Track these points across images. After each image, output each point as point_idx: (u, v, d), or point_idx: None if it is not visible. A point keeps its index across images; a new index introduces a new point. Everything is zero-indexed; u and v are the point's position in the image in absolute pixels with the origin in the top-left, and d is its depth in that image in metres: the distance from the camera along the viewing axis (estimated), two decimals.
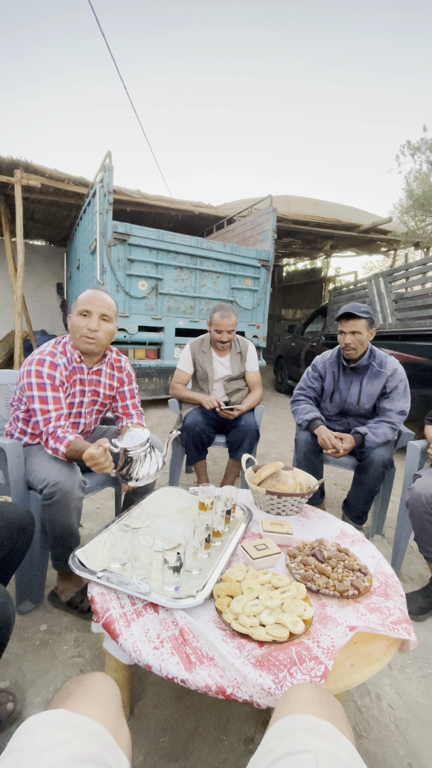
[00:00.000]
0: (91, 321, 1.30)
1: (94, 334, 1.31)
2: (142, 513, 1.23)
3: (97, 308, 1.31)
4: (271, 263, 4.62)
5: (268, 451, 3.17)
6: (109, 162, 3.57)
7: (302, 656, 0.72)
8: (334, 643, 0.75)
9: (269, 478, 1.37)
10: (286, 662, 0.71)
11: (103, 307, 1.32)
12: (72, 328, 1.33)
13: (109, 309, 1.35)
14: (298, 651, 0.73)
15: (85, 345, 1.32)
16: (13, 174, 4.47)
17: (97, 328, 1.31)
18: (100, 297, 1.33)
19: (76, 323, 1.31)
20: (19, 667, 1.09)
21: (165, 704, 1.00)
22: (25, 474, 1.27)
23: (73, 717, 0.43)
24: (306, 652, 0.73)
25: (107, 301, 1.34)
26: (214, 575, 0.93)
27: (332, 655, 0.73)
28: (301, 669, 0.70)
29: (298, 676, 0.68)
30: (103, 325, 1.33)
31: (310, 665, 0.70)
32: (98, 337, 1.32)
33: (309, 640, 0.77)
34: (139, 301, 3.95)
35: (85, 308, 1.30)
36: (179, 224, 6.71)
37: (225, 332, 2.01)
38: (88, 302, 1.31)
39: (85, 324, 1.30)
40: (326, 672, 0.70)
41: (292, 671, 0.69)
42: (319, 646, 0.75)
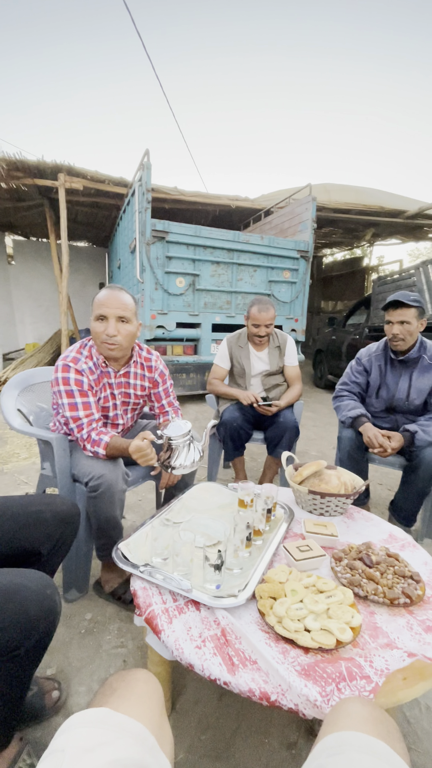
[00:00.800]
0: (109, 326, 1.24)
1: (114, 339, 1.25)
2: (183, 507, 1.24)
3: (112, 311, 1.24)
4: (310, 254, 4.48)
5: (308, 448, 3.09)
6: (147, 160, 3.61)
7: (353, 673, 0.68)
8: (388, 666, 0.70)
9: (311, 477, 1.32)
10: (335, 676, 0.67)
11: (119, 309, 1.25)
12: (92, 334, 1.29)
13: (126, 309, 1.26)
14: (348, 667, 0.69)
15: (107, 351, 1.28)
16: (57, 178, 4.65)
17: (116, 332, 1.24)
18: (116, 298, 1.26)
19: (94, 329, 1.26)
20: (66, 655, 1.13)
21: (206, 701, 1.00)
22: (71, 467, 1.31)
23: (116, 716, 0.43)
24: (357, 670, 0.68)
25: (123, 301, 1.26)
26: (255, 575, 0.91)
27: (385, 675, 0.68)
28: (351, 686, 0.65)
29: (347, 692, 0.64)
30: (121, 328, 1.26)
31: (360, 684, 0.66)
32: (118, 341, 1.26)
33: (361, 658, 0.71)
34: (176, 298, 3.98)
35: (100, 312, 1.24)
36: (216, 219, 6.68)
37: (263, 326, 1.96)
38: (103, 305, 1.24)
39: (102, 329, 1.25)
40: (376, 687, 0.65)
41: (340, 686, 0.65)
42: (372, 666, 0.69)
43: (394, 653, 0.72)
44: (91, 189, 4.98)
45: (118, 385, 1.40)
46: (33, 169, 4.58)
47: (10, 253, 8.22)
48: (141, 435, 1.18)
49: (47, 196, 5.53)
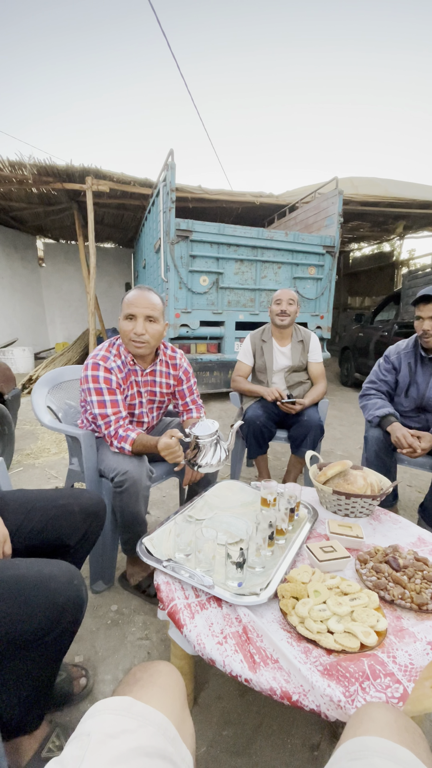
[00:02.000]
0: (137, 325, 1.27)
1: (141, 337, 1.28)
2: (205, 505, 1.25)
3: (141, 310, 1.27)
4: (336, 249, 4.38)
5: (334, 448, 3.03)
6: (172, 160, 3.63)
7: (376, 671, 0.67)
8: (412, 661, 0.69)
9: (336, 477, 1.30)
10: (358, 675, 0.66)
11: (148, 308, 1.28)
12: (120, 332, 1.32)
13: (154, 309, 1.30)
14: (371, 664, 0.68)
15: (135, 350, 1.31)
16: (84, 181, 4.78)
17: (143, 331, 1.28)
18: (145, 298, 1.29)
19: (123, 327, 1.30)
20: (92, 644, 1.17)
21: (228, 697, 1.00)
22: (98, 463, 1.35)
23: (138, 706, 0.44)
24: (380, 667, 0.68)
25: (152, 301, 1.30)
26: (278, 574, 0.90)
27: (411, 675, 0.66)
28: (375, 685, 0.65)
29: (372, 692, 0.63)
30: (149, 327, 1.29)
31: (385, 681, 0.65)
32: (145, 340, 1.29)
33: (383, 654, 0.71)
34: (200, 297, 4.00)
35: (129, 312, 1.28)
36: (240, 216, 6.65)
37: (285, 301, 1.97)
38: (132, 305, 1.28)
39: (131, 328, 1.28)
40: (405, 694, 0.63)
41: (364, 686, 0.64)
42: (395, 662, 0.69)
43: (417, 646, 0.71)
44: (117, 191, 5.08)
45: (145, 383, 1.42)
46: (62, 173, 4.73)
47: (41, 255, 8.53)
48: (169, 433, 1.20)
49: (75, 200, 5.69)
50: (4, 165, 4.45)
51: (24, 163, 4.45)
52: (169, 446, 1.18)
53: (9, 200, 5.66)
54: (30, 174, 4.63)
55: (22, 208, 6.10)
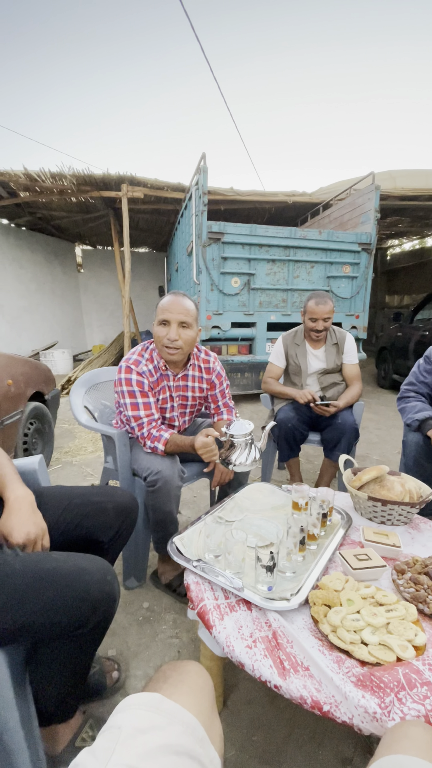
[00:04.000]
0: (171, 331, 1.29)
1: (175, 343, 1.29)
2: (235, 506, 1.24)
3: (175, 316, 1.29)
4: (373, 246, 4.23)
5: (369, 452, 2.92)
6: (204, 164, 3.67)
7: (411, 680, 0.64)
8: None
9: (372, 483, 1.25)
10: (393, 685, 0.63)
11: (182, 314, 1.29)
12: (154, 337, 1.34)
13: (188, 315, 1.31)
14: (405, 673, 0.65)
15: (168, 356, 1.33)
16: (120, 188, 4.93)
17: (177, 337, 1.29)
18: (179, 303, 1.30)
19: (157, 333, 1.31)
20: (125, 639, 1.20)
21: (258, 702, 0.99)
22: (131, 462, 1.39)
23: (167, 703, 0.44)
24: (416, 676, 0.64)
25: (186, 307, 1.31)
26: (309, 580, 0.88)
27: None
28: (412, 695, 0.62)
29: (409, 703, 0.60)
30: (182, 333, 1.30)
31: (422, 691, 0.62)
32: (179, 346, 1.30)
33: (418, 662, 0.68)
34: (231, 298, 4.00)
35: (164, 317, 1.29)
36: (273, 216, 6.60)
37: (320, 320, 1.90)
38: (167, 310, 1.29)
39: (165, 334, 1.29)
40: None
41: (400, 696, 0.61)
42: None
43: None
44: (151, 196, 5.20)
45: (176, 389, 1.44)
46: (99, 182, 4.90)
47: (80, 262, 8.90)
48: (205, 432, 1.22)
49: (112, 207, 5.88)
50: (45, 177, 4.68)
51: (64, 174, 4.66)
52: (207, 444, 1.20)
53: (50, 210, 5.94)
54: (69, 184, 4.84)
55: (62, 217, 6.39)
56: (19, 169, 4.54)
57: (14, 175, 4.59)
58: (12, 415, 1.97)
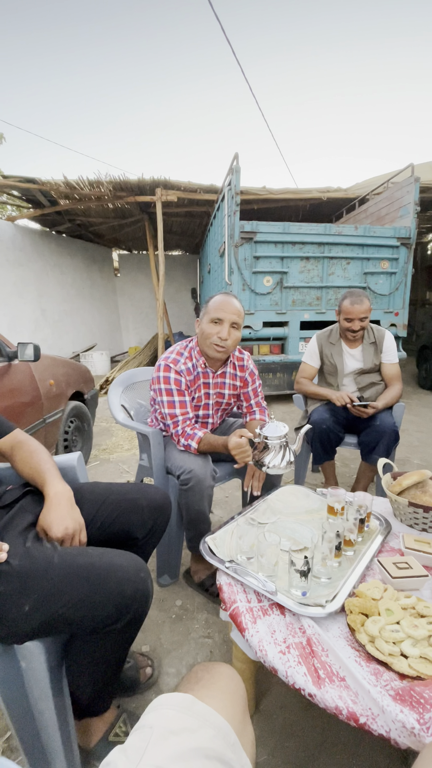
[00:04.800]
0: (222, 329, 1.31)
1: (224, 342, 1.32)
2: (268, 509, 1.23)
3: (228, 316, 1.31)
4: (412, 241, 4.03)
5: (410, 456, 2.79)
6: (237, 164, 3.67)
7: None
8: None
9: (413, 488, 1.19)
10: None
11: (234, 315, 1.32)
12: (202, 334, 1.36)
13: (240, 316, 1.34)
14: None
15: (214, 353, 1.35)
16: (154, 193, 5.04)
17: (227, 336, 1.32)
18: (231, 304, 1.33)
19: (206, 330, 1.34)
20: (158, 636, 1.22)
21: (291, 708, 0.97)
22: (165, 460, 1.41)
23: (199, 705, 0.44)
24: None
25: (237, 308, 1.34)
26: (345, 587, 0.86)
27: None
28: None
29: None
30: (233, 333, 1.33)
31: None
32: (227, 345, 1.33)
33: None
34: (263, 297, 3.97)
35: (217, 316, 1.31)
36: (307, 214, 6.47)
37: (356, 320, 1.83)
38: (220, 309, 1.32)
39: (216, 332, 1.32)
40: None
41: None
42: None
43: None
44: (184, 199, 5.27)
45: (215, 386, 1.46)
46: (134, 187, 5.03)
47: (116, 266, 9.19)
48: (238, 432, 1.22)
49: (146, 211, 6.02)
50: (84, 184, 4.87)
51: (101, 181, 4.83)
52: (240, 445, 1.20)
53: (89, 216, 6.18)
54: (106, 190, 5.01)
55: (99, 223, 6.63)
56: (60, 178, 4.76)
57: (55, 184, 4.82)
58: (54, 413, 2.07)
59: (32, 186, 4.80)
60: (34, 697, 0.71)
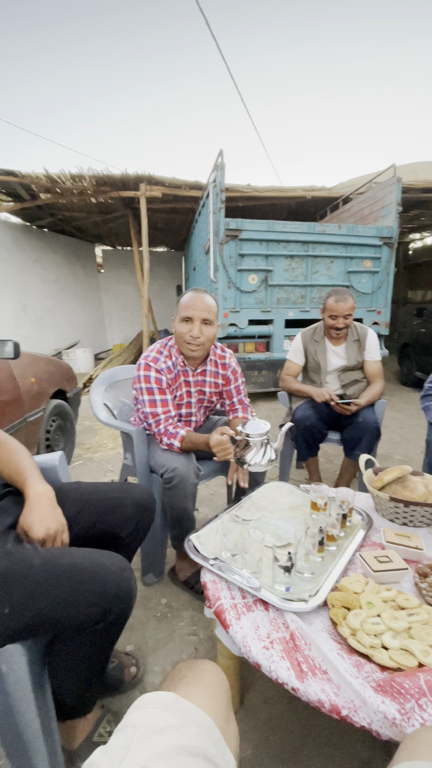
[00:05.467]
0: (193, 328, 1.31)
1: (197, 340, 1.31)
2: (252, 505, 1.24)
3: (198, 313, 1.30)
4: (395, 240, 4.11)
5: (391, 452, 2.85)
6: (221, 161, 3.65)
7: None
8: None
9: (394, 483, 1.22)
10: (414, 691, 0.61)
11: (204, 311, 1.31)
12: (176, 333, 1.36)
13: (210, 312, 1.33)
14: (428, 680, 0.63)
15: (189, 352, 1.34)
16: (138, 188, 4.97)
17: (199, 334, 1.31)
18: (201, 300, 1.32)
19: (179, 330, 1.33)
20: (143, 634, 1.21)
21: (275, 702, 0.98)
22: (148, 459, 1.40)
23: (183, 703, 0.44)
24: None
25: (208, 304, 1.33)
26: (328, 582, 0.87)
27: None
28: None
29: (430, 709, 0.58)
30: (204, 330, 1.32)
31: None
32: (201, 342, 1.32)
33: None
34: (248, 295, 3.98)
35: (187, 314, 1.31)
36: (292, 212, 6.51)
37: (341, 318, 1.86)
38: (190, 307, 1.31)
39: (187, 330, 1.31)
40: None
41: (421, 702, 0.59)
42: None
43: None
44: (168, 195, 5.22)
45: (195, 384, 1.45)
46: (118, 182, 4.95)
47: (100, 262, 9.04)
48: (220, 430, 1.22)
49: (130, 207, 5.94)
50: (65, 178, 4.76)
51: (84, 175, 4.73)
52: (221, 443, 1.20)
53: (71, 211, 6.06)
54: (89, 184, 4.91)
55: (82, 218, 6.51)
56: (40, 171, 4.64)
57: (36, 177, 4.70)
58: (35, 412, 2.03)
59: (12, 179, 4.67)
60: (15, 699, 0.70)
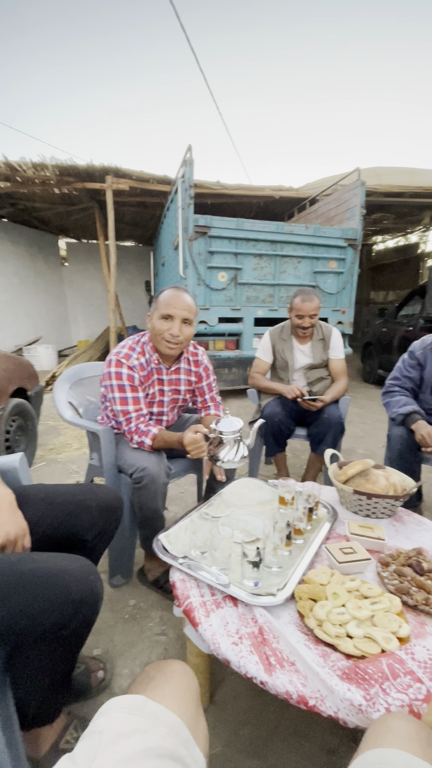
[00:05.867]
0: (174, 326, 1.28)
1: (176, 339, 1.29)
2: (222, 502, 1.24)
3: (179, 312, 1.28)
4: (359, 242, 4.26)
5: (355, 446, 2.96)
6: (190, 156, 3.62)
7: (395, 670, 0.65)
8: (431, 656, 0.66)
9: (357, 477, 1.26)
10: (377, 676, 0.64)
11: (185, 311, 1.29)
12: (153, 330, 1.32)
13: (191, 311, 1.31)
14: (390, 664, 0.66)
15: (167, 350, 1.32)
16: (105, 180, 4.83)
17: (179, 333, 1.29)
18: (182, 299, 1.30)
19: (157, 327, 1.30)
20: (110, 638, 1.18)
21: (244, 696, 0.99)
22: (117, 459, 1.36)
23: (151, 705, 0.44)
24: (399, 666, 0.65)
25: (188, 303, 1.31)
26: (295, 575, 0.88)
27: (429, 667, 0.63)
28: (396, 685, 0.62)
29: (393, 693, 0.61)
30: (184, 329, 1.30)
31: (405, 681, 0.63)
32: (180, 341, 1.30)
33: (401, 651, 0.69)
34: (218, 293, 3.98)
35: (167, 312, 1.28)
36: (260, 211, 6.58)
37: (307, 317, 1.90)
38: (170, 305, 1.28)
39: (167, 329, 1.28)
40: (429, 695, 0.61)
41: (384, 687, 0.62)
42: (414, 659, 0.67)
43: None
44: (136, 189, 5.11)
45: (170, 382, 1.43)
46: (83, 173, 4.79)
47: (64, 255, 8.71)
48: (194, 428, 1.20)
49: (96, 199, 5.76)
50: (27, 167, 4.54)
51: (46, 164, 4.54)
52: (195, 441, 1.18)
53: (33, 201, 5.79)
54: (52, 175, 4.72)
55: (45, 209, 6.23)
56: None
57: None
58: None
59: None
60: None
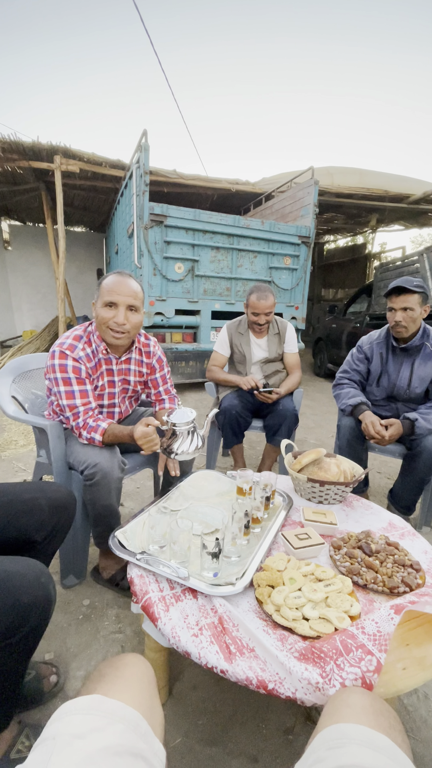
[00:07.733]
0: (118, 314, 1.20)
1: (122, 327, 1.22)
2: (180, 495, 1.23)
3: (123, 299, 1.20)
4: (312, 240, 4.40)
5: (307, 436, 3.08)
6: (146, 141, 3.50)
7: (347, 645, 0.68)
8: (379, 629, 0.70)
9: (310, 465, 1.31)
10: (332, 653, 0.66)
11: (130, 297, 1.22)
12: (97, 319, 1.24)
13: (136, 298, 1.23)
14: (342, 640, 0.69)
15: (113, 340, 1.25)
16: (53, 160, 4.54)
17: (125, 321, 1.21)
18: (126, 285, 1.22)
19: (101, 315, 1.22)
20: (63, 640, 1.13)
21: (203, 687, 1.00)
22: (67, 455, 1.29)
23: (107, 703, 0.42)
24: (351, 641, 0.68)
25: (134, 289, 1.23)
26: (253, 563, 0.90)
27: (380, 644, 0.67)
28: (349, 659, 0.65)
29: (347, 667, 0.64)
30: (130, 317, 1.23)
31: (357, 654, 0.66)
32: (126, 330, 1.23)
33: (352, 627, 0.72)
34: (175, 284, 3.92)
35: (110, 299, 1.20)
36: (216, 204, 6.55)
37: (262, 314, 1.93)
38: (114, 292, 1.20)
39: (111, 317, 1.21)
40: (379, 666, 0.64)
41: (339, 662, 0.65)
42: (364, 633, 0.70)
43: (381, 612, 0.73)
44: (87, 172, 4.86)
45: (119, 372, 1.37)
46: (28, 150, 4.46)
47: (7, 238, 8.08)
48: (144, 421, 1.16)
49: (43, 180, 5.40)
50: None
51: None
52: (147, 434, 1.15)
53: None
54: None
55: None
56: None
57: None
58: None
59: None
60: None
